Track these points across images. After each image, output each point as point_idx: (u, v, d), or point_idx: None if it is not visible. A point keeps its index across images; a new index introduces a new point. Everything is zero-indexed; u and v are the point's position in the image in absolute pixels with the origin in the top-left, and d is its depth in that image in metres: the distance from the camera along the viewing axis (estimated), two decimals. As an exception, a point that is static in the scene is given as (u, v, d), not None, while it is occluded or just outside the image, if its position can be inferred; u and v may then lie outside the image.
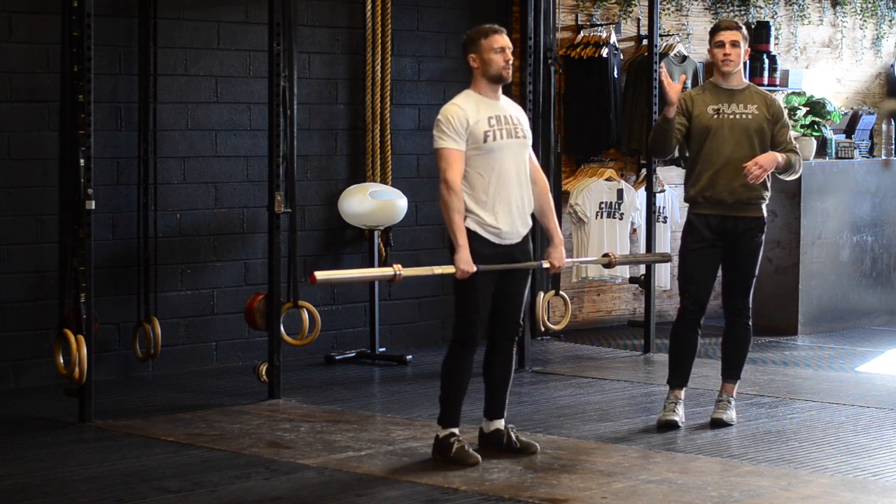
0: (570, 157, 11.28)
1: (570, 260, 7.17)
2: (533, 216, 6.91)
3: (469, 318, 6.68)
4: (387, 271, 6.76)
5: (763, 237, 7.63)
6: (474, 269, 6.58)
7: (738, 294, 7.65)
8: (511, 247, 6.74)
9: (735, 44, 7.52)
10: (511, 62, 6.72)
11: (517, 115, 6.83)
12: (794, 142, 7.61)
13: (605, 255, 7.51)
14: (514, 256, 6.76)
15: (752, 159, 7.41)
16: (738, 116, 7.52)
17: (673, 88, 7.39)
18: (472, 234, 6.64)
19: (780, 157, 7.44)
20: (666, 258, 8.91)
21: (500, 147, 6.67)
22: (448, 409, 6.76)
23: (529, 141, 6.84)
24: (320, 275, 6.59)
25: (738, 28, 7.56)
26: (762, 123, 7.53)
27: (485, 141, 6.64)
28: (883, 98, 13.66)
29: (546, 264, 6.97)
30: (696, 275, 7.61)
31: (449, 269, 6.63)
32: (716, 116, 7.53)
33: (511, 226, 6.71)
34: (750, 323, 7.73)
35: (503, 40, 6.71)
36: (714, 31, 7.59)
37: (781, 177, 7.62)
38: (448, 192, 6.59)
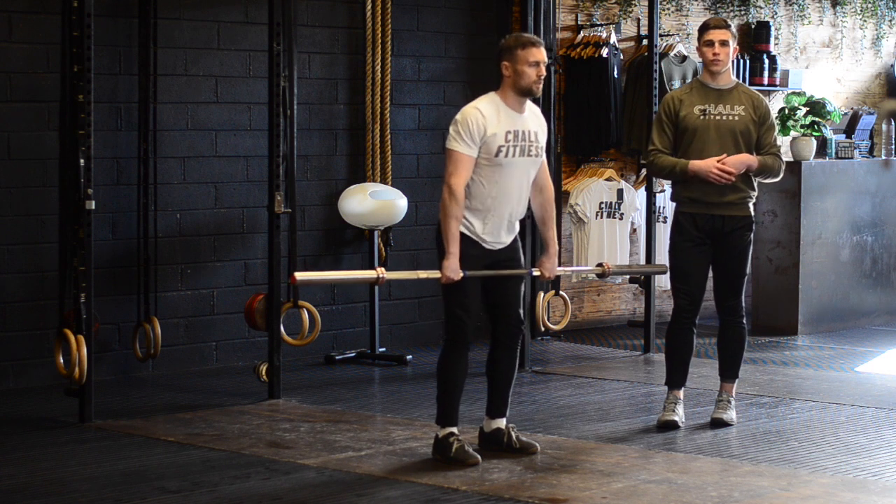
0: (570, 157, 11.28)
1: (561, 269, 7.16)
2: (531, 217, 6.91)
3: (458, 317, 6.69)
4: (370, 274, 6.80)
5: (752, 235, 7.63)
6: (460, 275, 6.59)
7: (729, 294, 7.65)
8: (495, 251, 6.78)
9: (724, 43, 7.50)
10: (543, 77, 6.68)
11: (536, 129, 6.78)
12: (777, 144, 7.60)
13: (599, 265, 7.51)
14: (500, 258, 6.78)
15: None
16: (724, 117, 7.51)
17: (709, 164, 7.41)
18: (460, 234, 6.66)
19: (753, 162, 7.44)
20: (661, 269, 8.91)
21: (511, 164, 6.66)
22: (445, 408, 6.76)
23: (542, 157, 6.82)
24: (300, 275, 6.62)
25: (727, 27, 7.54)
26: (748, 125, 7.52)
27: (496, 155, 6.62)
28: (883, 98, 13.66)
29: (537, 272, 7.00)
30: (687, 273, 7.60)
31: (434, 274, 6.65)
32: (702, 117, 7.52)
33: (495, 238, 6.75)
34: (744, 321, 7.72)
35: (540, 54, 6.66)
36: (703, 30, 7.58)
37: (758, 179, 7.60)
38: (449, 196, 6.58)
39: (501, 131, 6.62)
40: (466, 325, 6.70)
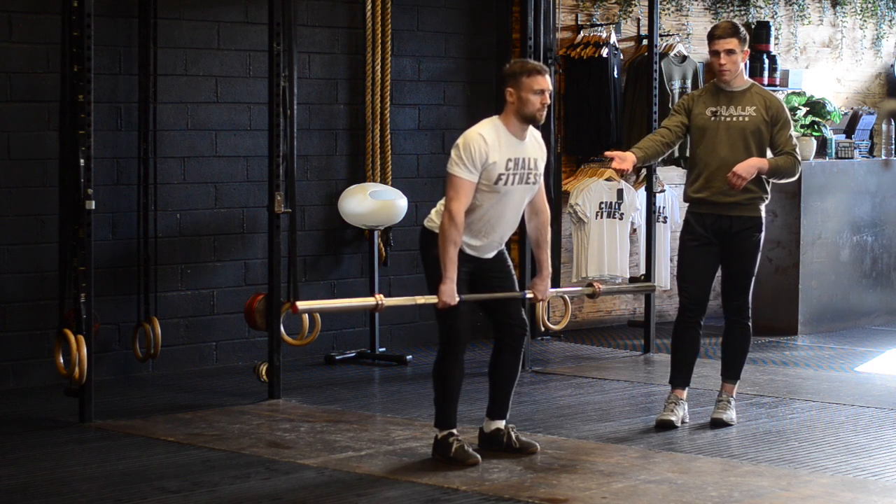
0: (570, 157, 11.28)
1: (553, 290, 7.21)
2: (525, 230, 6.94)
3: (450, 323, 6.71)
4: (369, 301, 6.86)
5: (761, 236, 7.62)
6: (456, 301, 6.61)
7: (736, 293, 7.65)
8: (481, 258, 6.81)
9: (730, 52, 7.47)
10: (547, 105, 6.68)
11: (536, 156, 6.78)
12: (793, 142, 7.56)
13: (590, 286, 7.53)
14: (484, 266, 6.80)
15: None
16: (734, 119, 7.51)
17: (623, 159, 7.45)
18: None
19: (764, 164, 7.42)
20: (650, 288, 8.91)
21: (509, 191, 6.68)
22: (443, 410, 6.77)
23: (539, 184, 6.83)
24: (302, 304, 6.69)
25: (734, 34, 7.48)
26: (759, 125, 7.51)
27: (496, 182, 6.63)
28: (883, 98, 13.66)
29: (530, 294, 7.02)
30: (692, 272, 7.62)
31: (431, 300, 6.68)
32: (712, 119, 7.53)
33: (479, 253, 6.78)
34: (749, 322, 7.72)
35: (545, 82, 6.65)
36: (709, 39, 7.56)
37: (773, 180, 7.60)
38: (449, 222, 6.57)
39: (502, 159, 6.62)
40: (459, 329, 6.71)
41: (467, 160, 6.58)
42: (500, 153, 6.61)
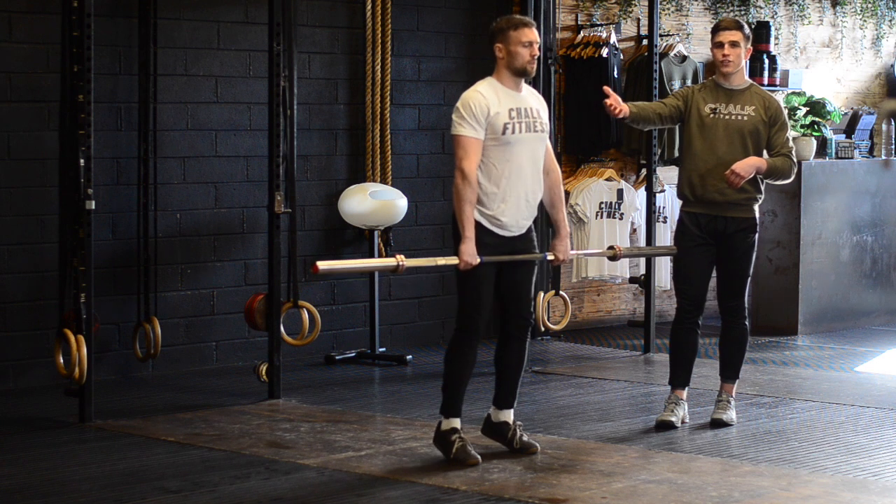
0: (570, 157, 11.28)
1: (574, 252, 7.14)
2: (542, 205, 6.91)
3: (471, 308, 6.68)
4: (390, 261, 6.77)
5: (756, 237, 7.61)
6: (478, 260, 6.58)
7: (732, 294, 7.65)
8: (512, 238, 6.74)
9: (734, 44, 7.49)
10: (536, 57, 6.71)
11: (538, 106, 6.81)
12: (790, 145, 7.57)
13: (611, 248, 7.51)
14: (515, 247, 6.76)
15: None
16: (733, 117, 7.51)
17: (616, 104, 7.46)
18: (475, 223, 6.64)
19: (762, 164, 7.42)
20: (672, 251, 8.89)
21: (519, 140, 6.67)
22: (449, 397, 6.75)
23: (547, 134, 6.84)
24: (322, 264, 6.59)
25: (739, 28, 7.52)
26: (757, 125, 7.51)
27: (503, 133, 6.63)
28: (883, 98, 13.67)
29: (550, 256, 6.97)
30: (689, 273, 7.61)
31: (452, 261, 6.64)
32: (711, 116, 7.53)
33: (514, 220, 6.71)
34: (746, 323, 7.72)
35: (532, 34, 6.70)
36: (714, 31, 7.57)
37: (768, 181, 7.60)
38: (462, 181, 6.58)
39: (504, 109, 6.64)
40: (479, 314, 6.68)
41: (469, 118, 6.60)
42: (500, 105, 6.64)
